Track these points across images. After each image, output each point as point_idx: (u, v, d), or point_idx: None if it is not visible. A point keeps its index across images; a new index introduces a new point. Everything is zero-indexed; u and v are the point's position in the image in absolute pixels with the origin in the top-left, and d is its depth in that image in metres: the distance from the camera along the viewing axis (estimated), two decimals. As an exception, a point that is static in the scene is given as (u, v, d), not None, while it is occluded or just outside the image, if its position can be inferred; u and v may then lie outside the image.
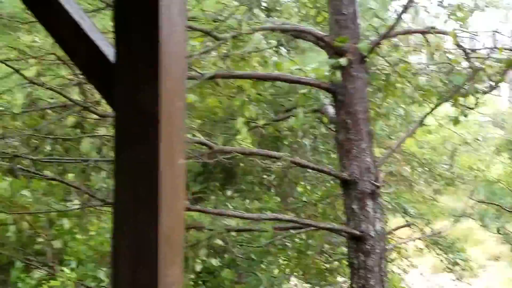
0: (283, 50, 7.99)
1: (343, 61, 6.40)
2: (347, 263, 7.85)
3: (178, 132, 1.90)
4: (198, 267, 7.81)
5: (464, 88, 6.38)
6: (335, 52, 6.63)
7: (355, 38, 6.64)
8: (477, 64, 6.33)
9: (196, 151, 6.87)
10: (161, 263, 1.77)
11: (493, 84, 6.57)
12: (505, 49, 5.37)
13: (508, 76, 6.16)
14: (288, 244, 9.87)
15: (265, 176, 10.97)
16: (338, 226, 7.51)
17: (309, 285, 11.72)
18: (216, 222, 7.46)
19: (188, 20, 6.06)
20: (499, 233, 7.85)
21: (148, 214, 1.78)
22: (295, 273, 11.33)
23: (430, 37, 6.69)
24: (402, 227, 9.71)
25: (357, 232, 6.76)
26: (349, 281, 7.37)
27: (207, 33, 6.52)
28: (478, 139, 21.58)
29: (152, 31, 1.77)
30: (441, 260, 13.08)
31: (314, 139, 10.41)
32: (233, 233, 8.53)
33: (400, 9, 7.06)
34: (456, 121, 7.03)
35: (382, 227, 6.99)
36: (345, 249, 8.14)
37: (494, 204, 13.54)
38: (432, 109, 7.00)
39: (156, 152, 1.77)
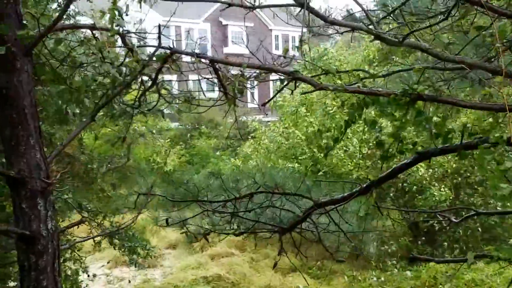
0: None
1: (1, 49, 6.06)
2: (20, 266, 7.54)
3: None
4: None
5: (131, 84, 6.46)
6: (-4, 41, 6.27)
7: (18, 28, 6.36)
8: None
9: None
10: None
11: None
12: (165, 48, 5.50)
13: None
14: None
15: None
16: (2, 227, 7.15)
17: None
18: None
19: None
20: (167, 225, 8.11)
21: None
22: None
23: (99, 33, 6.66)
24: (75, 224, 9.56)
25: (27, 232, 6.49)
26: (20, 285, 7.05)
27: None
28: (153, 132, 22.30)
29: None
30: (122, 254, 13.26)
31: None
32: None
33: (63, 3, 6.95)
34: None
35: (54, 225, 6.78)
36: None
37: (163, 196, 13.98)
38: (102, 105, 6.94)
39: None
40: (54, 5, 9.15)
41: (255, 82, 5.83)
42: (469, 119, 15.77)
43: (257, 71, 5.88)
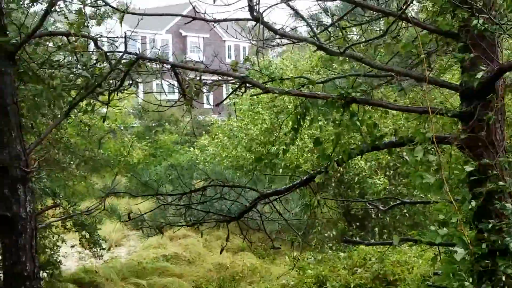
0: None
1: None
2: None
3: None
4: None
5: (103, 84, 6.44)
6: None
7: (2, 35, 6.39)
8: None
9: None
10: None
11: (131, 82, 6.77)
12: (129, 53, 5.51)
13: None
14: None
15: None
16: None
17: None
18: None
19: None
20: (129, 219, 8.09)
21: None
22: None
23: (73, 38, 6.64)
24: (49, 208, 9.54)
25: (8, 214, 6.56)
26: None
27: None
28: (121, 128, 22.25)
29: None
30: (84, 237, 13.15)
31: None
32: None
33: (42, 12, 6.91)
34: (103, 117, 7.20)
35: (32, 209, 6.85)
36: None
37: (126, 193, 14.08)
38: (76, 102, 6.92)
39: None
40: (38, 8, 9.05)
41: (214, 87, 5.85)
42: (397, 120, 16.08)
43: (213, 76, 5.96)
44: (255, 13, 5.20)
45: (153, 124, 29.85)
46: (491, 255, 5.78)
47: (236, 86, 5.97)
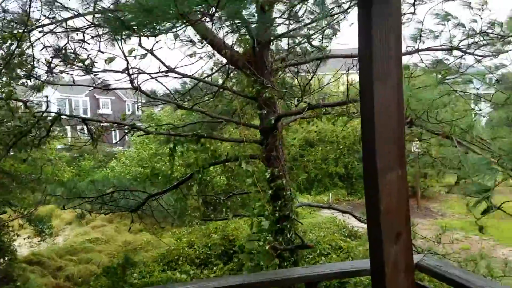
0: None
1: None
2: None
3: None
4: None
5: None
6: None
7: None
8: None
9: None
10: None
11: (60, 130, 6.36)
12: (54, 112, 5.20)
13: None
14: None
15: None
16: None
17: None
18: None
19: None
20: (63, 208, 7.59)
21: None
22: None
23: None
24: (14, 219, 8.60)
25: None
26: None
27: None
28: (56, 158, 20.61)
29: None
30: (39, 232, 12.13)
31: None
32: None
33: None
34: None
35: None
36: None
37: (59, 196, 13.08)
38: (10, 146, 6.34)
39: None
40: None
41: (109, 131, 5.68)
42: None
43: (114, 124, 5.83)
44: (134, 85, 5.16)
45: (77, 155, 27.94)
46: (281, 220, 6.18)
47: (127, 130, 5.88)
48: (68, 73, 4.91)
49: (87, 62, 4.45)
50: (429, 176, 19.84)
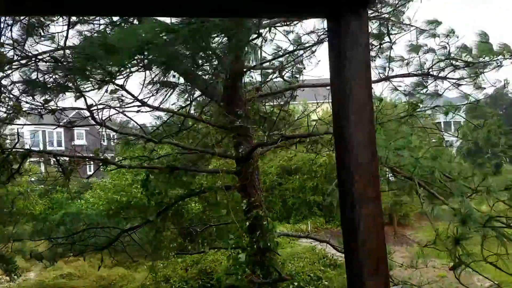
0: None
1: None
2: None
3: None
4: None
5: None
6: None
7: None
8: None
9: None
10: None
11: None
12: (23, 149, 5.03)
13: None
14: None
15: None
16: None
17: None
18: None
19: None
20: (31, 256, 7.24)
21: None
22: None
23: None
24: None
25: None
26: None
27: None
28: (28, 192, 19.89)
29: None
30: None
31: None
32: None
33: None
34: None
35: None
36: None
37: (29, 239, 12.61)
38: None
39: None
40: None
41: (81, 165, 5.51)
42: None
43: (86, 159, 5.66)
44: (98, 120, 5.03)
45: (50, 187, 27.08)
46: (260, 251, 6.02)
47: (100, 164, 5.71)
48: (37, 109, 4.76)
49: (51, 103, 4.33)
50: (404, 203, 20.00)
